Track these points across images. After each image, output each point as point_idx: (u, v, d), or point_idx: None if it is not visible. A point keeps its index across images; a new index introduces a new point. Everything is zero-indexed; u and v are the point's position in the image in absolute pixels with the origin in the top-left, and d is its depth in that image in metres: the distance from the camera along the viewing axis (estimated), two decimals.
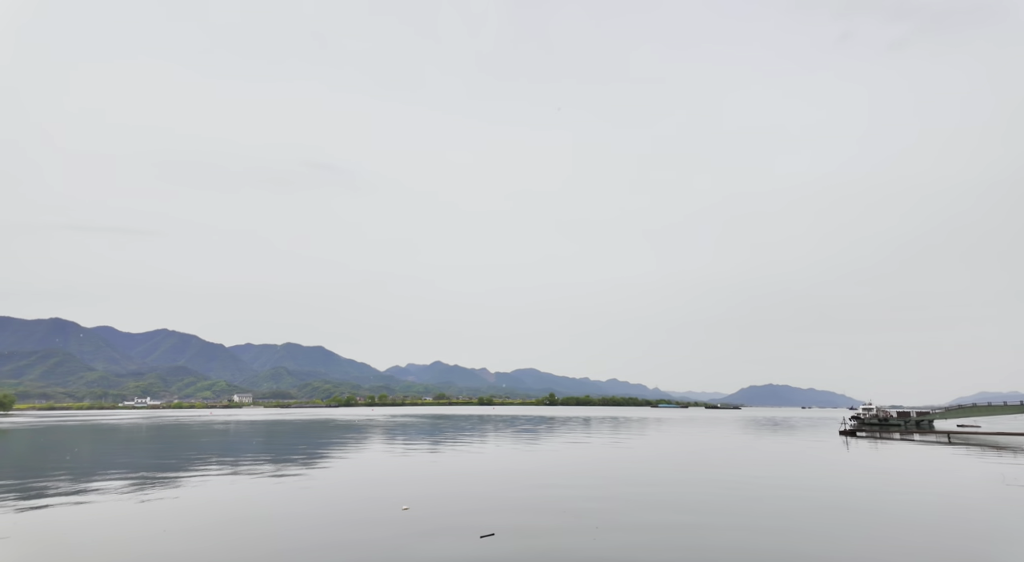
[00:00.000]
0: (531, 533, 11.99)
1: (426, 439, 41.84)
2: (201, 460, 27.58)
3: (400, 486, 18.61)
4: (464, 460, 26.94)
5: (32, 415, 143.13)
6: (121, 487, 18.64)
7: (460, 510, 14.45)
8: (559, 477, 20.72)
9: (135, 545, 10.95)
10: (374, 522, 13.05)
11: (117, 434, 53.56)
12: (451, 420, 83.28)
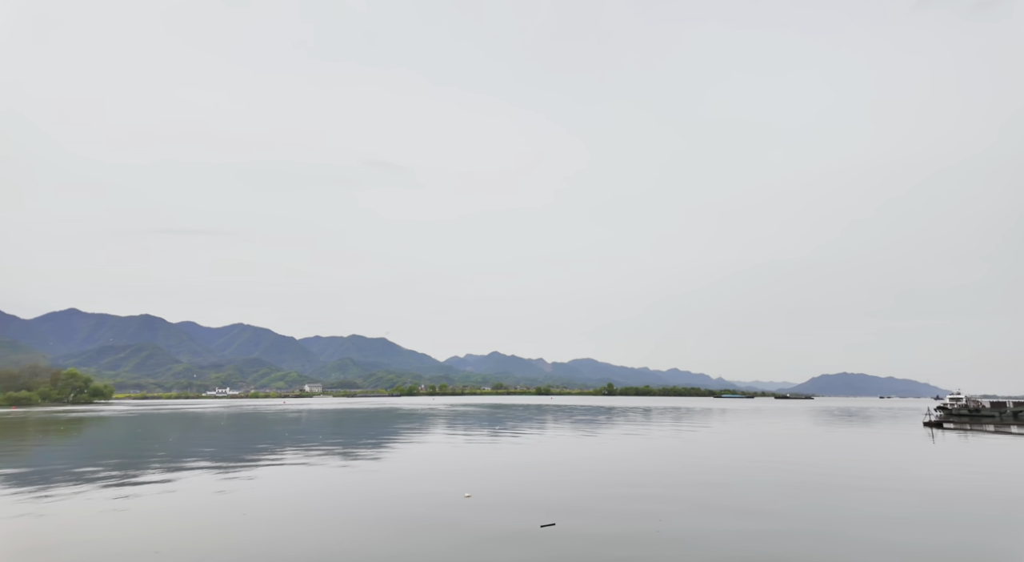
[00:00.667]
0: (591, 524, 11.90)
1: (486, 428, 42.49)
2: (277, 447, 29.25)
3: (462, 474, 18.98)
4: (523, 449, 27.13)
5: (128, 404, 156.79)
6: (206, 472, 20.05)
7: (520, 499, 14.56)
8: (619, 468, 20.48)
9: (216, 529, 11.68)
10: (438, 509, 13.36)
11: (202, 422, 57.66)
12: (509, 409, 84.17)
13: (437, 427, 44.42)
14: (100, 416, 73.23)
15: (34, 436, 39.33)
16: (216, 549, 10.02)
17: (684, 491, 15.72)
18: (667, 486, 16.47)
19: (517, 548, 10.12)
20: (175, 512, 13.16)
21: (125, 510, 13.42)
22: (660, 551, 9.93)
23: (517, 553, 9.82)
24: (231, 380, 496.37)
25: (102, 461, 23.63)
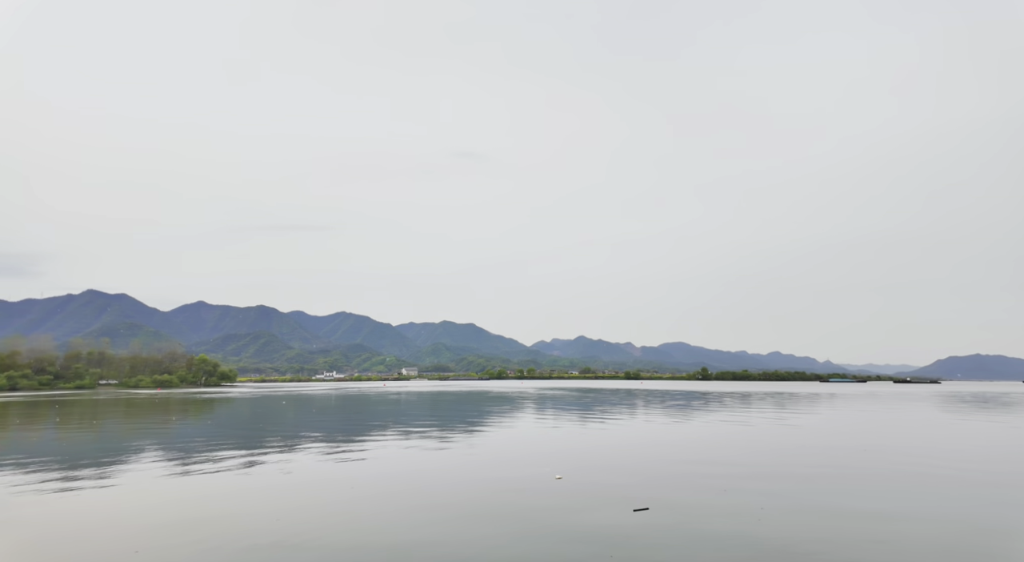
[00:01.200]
0: (687, 510, 11.55)
1: (575, 411, 42.57)
2: (381, 426, 31.22)
3: (553, 455, 19.18)
4: (613, 433, 26.87)
5: (250, 386, 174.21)
6: (319, 449, 21.83)
7: (612, 482, 14.45)
8: (716, 454, 19.69)
9: (328, 502, 12.64)
10: (532, 489, 13.60)
11: (313, 402, 62.78)
12: (598, 393, 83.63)
13: (526, 410, 45.16)
14: (228, 397, 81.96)
15: (177, 414, 44.87)
16: (328, 520, 10.87)
17: (787, 479, 14.81)
18: (769, 474, 15.61)
19: (612, 529, 10.07)
20: (293, 485, 14.46)
21: (251, 482, 14.95)
22: (761, 541, 9.44)
23: (613, 534, 9.77)
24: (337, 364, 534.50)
25: (231, 437, 26.49)
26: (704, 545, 9.24)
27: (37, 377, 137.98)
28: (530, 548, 9.05)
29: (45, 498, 12.89)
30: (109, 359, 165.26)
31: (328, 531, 9.96)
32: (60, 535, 9.86)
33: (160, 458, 19.34)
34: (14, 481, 15.07)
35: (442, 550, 8.93)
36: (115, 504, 12.34)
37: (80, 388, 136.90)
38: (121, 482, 14.89)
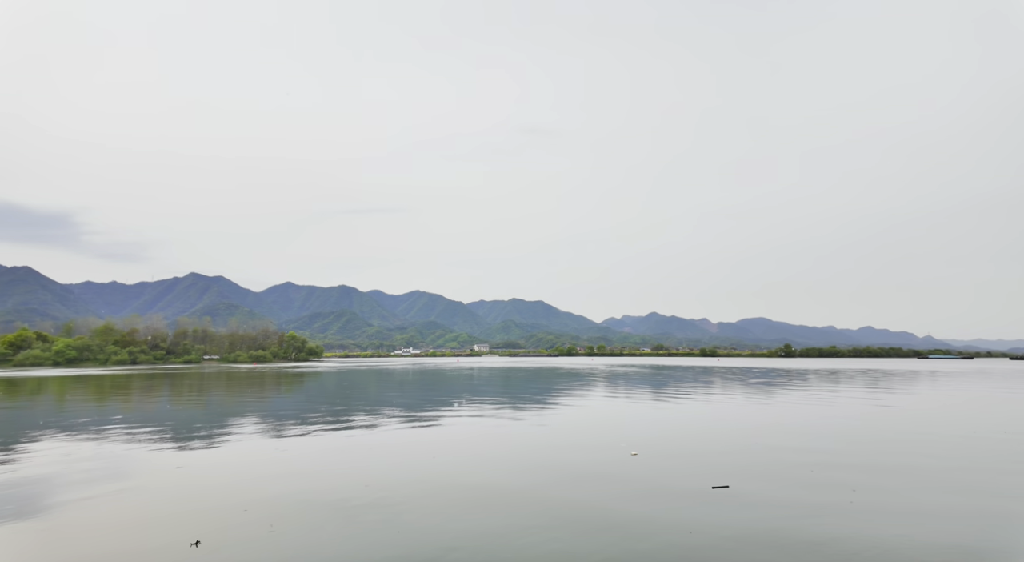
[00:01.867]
0: (770, 489, 11.15)
1: (648, 388, 41.97)
2: (456, 398, 32.36)
3: (626, 431, 19.08)
4: (689, 411, 26.27)
5: (335, 361, 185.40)
6: (400, 418, 22.99)
7: (689, 459, 14.21)
8: (801, 434, 18.79)
9: (411, 468, 13.29)
10: (607, 463, 13.64)
11: (393, 376, 65.96)
12: (672, 370, 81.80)
13: (598, 386, 45.05)
14: (316, 371, 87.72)
15: (272, 386, 48.68)
16: (412, 485, 11.47)
17: (886, 461, 13.89)
18: (863, 455, 14.70)
19: (691, 506, 9.94)
20: (378, 451, 15.36)
21: (341, 448, 16.03)
22: (852, 524, 8.97)
23: (692, 510, 9.65)
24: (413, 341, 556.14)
25: (322, 407, 28.44)
26: (786, 526, 8.92)
27: (152, 352, 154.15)
28: (605, 519, 9.12)
29: (169, 457, 14.52)
30: (211, 336, 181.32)
31: (411, 493, 10.53)
32: (183, 492, 11.09)
33: (260, 425, 21.15)
34: (142, 444, 17.05)
35: (521, 519, 9.19)
36: (226, 465, 13.67)
37: (188, 363, 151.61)
38: (229, 445, 16.47)
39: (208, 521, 8.99)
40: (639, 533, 8.46)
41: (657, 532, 8.51)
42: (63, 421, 23.12)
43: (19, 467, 13.44)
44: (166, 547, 7.76)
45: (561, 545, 7.93)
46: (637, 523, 8.94)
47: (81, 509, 9.78)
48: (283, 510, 9.57)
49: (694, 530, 8.62)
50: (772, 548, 7.89)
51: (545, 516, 9.24)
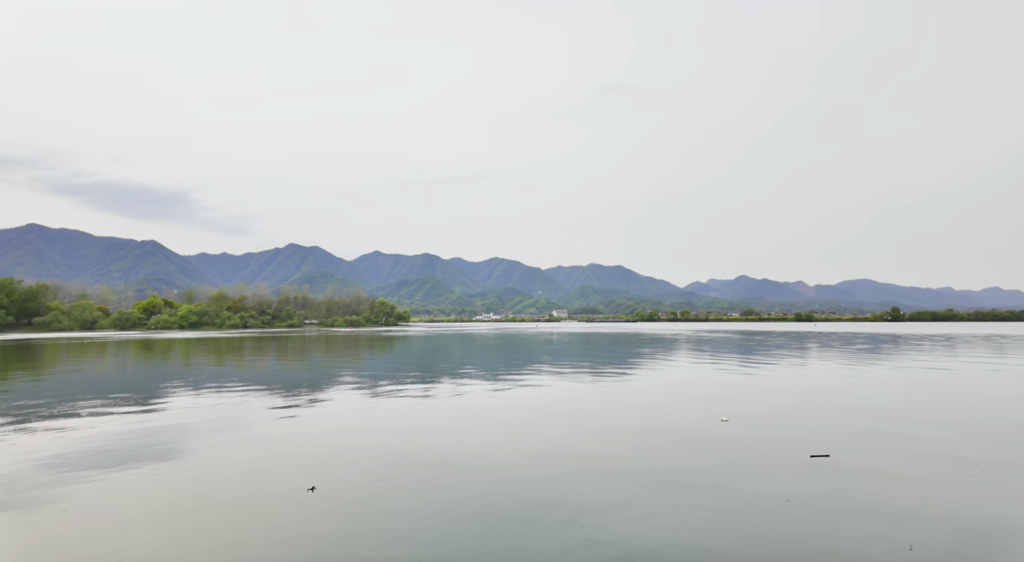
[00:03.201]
0: (877, 461, 10.44)
1: (736, 354, 40.36)
2: (536, 362, 32.95)
3: (714, 397, 18.56)
4: (782, 377, 24.99)
5: (421, 326, 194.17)
6: (483, 380, 23.80)
7: (784, 427, 13.60)
8: (912, 404, 17.32)
9: (501, 431, 13.79)
10: (697, 427, 13.40)
11: (475, 340, 68.13)
12: (762, 336, 77.87)
13: (682, 352, 43.93)
14: (406, 335, 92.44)
15: (367, 348, 51.99)
16: (503, 444, 11.91)
17: (1016, 437, 12.54)
18: (987, 429, 13.35)
19: (787, 474, 9.57)
20: (469, 411, 16.07)
21: (434, 407, 16.92)
22: (973, 502, 8.23)
23: (788, 479, 9.29)
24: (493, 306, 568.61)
25: (413, 368, 30.06)
26: (894, 500, 8.35)
27: (260, 317, 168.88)
28: (697, 485, 9.01)
29: (280, 411, 16.07)
30: (310, 302, 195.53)
31: (503, 452, 10.96)
32: (295, 442, 12.26)
33: (360, 384, 22.75)
34: (256, 399, 18.95)
35: (610, 482, 9.30)
36: (332, 419, 14.91)
37: (291, 327, 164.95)
38: (333, 401, 17.92)
39: (320, 469, 9.89)
40: (732, 500, 8.29)
41: (751, 500, 8.29)
42: (191, 378, 26.16)
43: (158, 417, 15.44)
44: (287, 491, 8.65)
45: (652, 510, 7.95)
46: (730, 490, 8.76)
47: (210, 454, 11.10)
48: (386, 462, 10.32)
49: (791, 498, 8.31)
50: (877, 521, 7.45)
51: (634, 480, 9.28)
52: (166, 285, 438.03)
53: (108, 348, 55.23)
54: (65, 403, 18.01)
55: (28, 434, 13.05)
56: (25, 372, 30.21)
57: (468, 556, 6.36)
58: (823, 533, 7.08)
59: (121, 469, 9.95)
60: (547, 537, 6.88)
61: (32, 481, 9.22)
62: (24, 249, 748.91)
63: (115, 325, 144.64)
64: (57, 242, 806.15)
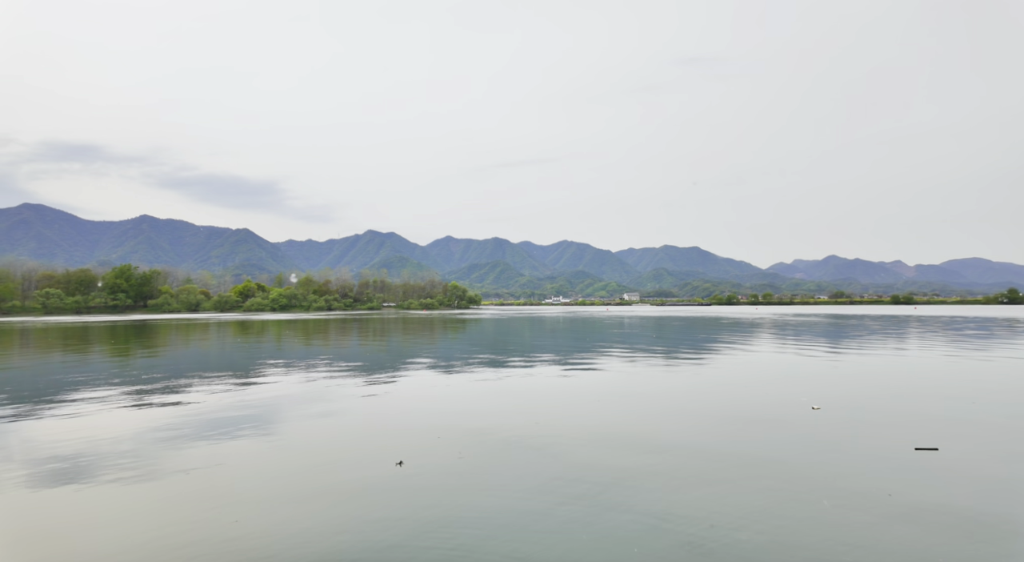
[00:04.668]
0: (994, 459, 9.48)
1: (825, 339, 37.85)
2: (607, 345, 32.60)
3: (803, 385, 17.55)
4: (879, 364, 23.16)
5: (492, 309, 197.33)
6: (553, 363, 23.87)
7: (884, 417, 12.64)
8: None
9: (578, 414, 13.81)
10: (784, 418, 12.77)
11: (545, 323, 68.35)
12: (856, 320, 72.45)
13: (764, 336, 41.81)
14: (477, 317, 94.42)
15: (442, 330, 53.62)
16: (580, 428, 11.95)
17: None
18: None
19: (889, 467, 8.90)
20: (544, 393, 16.21)
21: (510, 389, 17.23)
22: None
23: (890, 472, 8.64)
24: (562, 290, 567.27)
25: (488, 349, 30.70)
26: (1012, 503, 7.57)
27: (343, 300, 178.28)
28: (787, 476, 8.61)
29: (365, 388, 16.97)
30: (388, 286, 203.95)
31: (579, 435, 10.99)
32: (381, 418, 12.93)
33: (439, 363, 23.55)
34: (342, 376, 20.10)
35: (692, 471, 9.09)
36: (414, 398, 15.58)
37: (371, 309, 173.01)
38: (414, 380, 18.69)
39: (407, 445, 10.38)
40: (827, 493, 7.85)
41: (849, 494, 7.80)
42: (282, 357, 28.17)
43: (253, 392, 16.77)
44: (376, 464, 9.16)
45: (733, 498, 7.69)
46: (825, 482, 8.28)
47: (304, 427, 11.93)
48: (468, 440, 10.65)
49: (894, 493, 7.75)
50: (991, 526, 6.79)
51: (714, 467, 9.00)
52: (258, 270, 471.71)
53: (210, 328, 60.54)
54: (177, 378, 19.98)
55: (148, 406, 14.62)
56: (144, 350, 33.78)
57: (549, 532, 6.46)
58: (931, 533, 6.56)
59: (228, 440, 10.92)
60: (624, 520, 6.85)
61: (155, 449, 10.33)
62: (138, 238, 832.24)
63: (216, 307, 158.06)
64: (165, 231, 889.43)
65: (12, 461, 9.40)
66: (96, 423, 12.37)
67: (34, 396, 16.01)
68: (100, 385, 18.23)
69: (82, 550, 6.05)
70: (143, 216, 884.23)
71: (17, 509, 7.26)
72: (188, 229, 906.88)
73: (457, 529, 6.59)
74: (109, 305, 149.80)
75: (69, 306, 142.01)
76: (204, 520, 6.87)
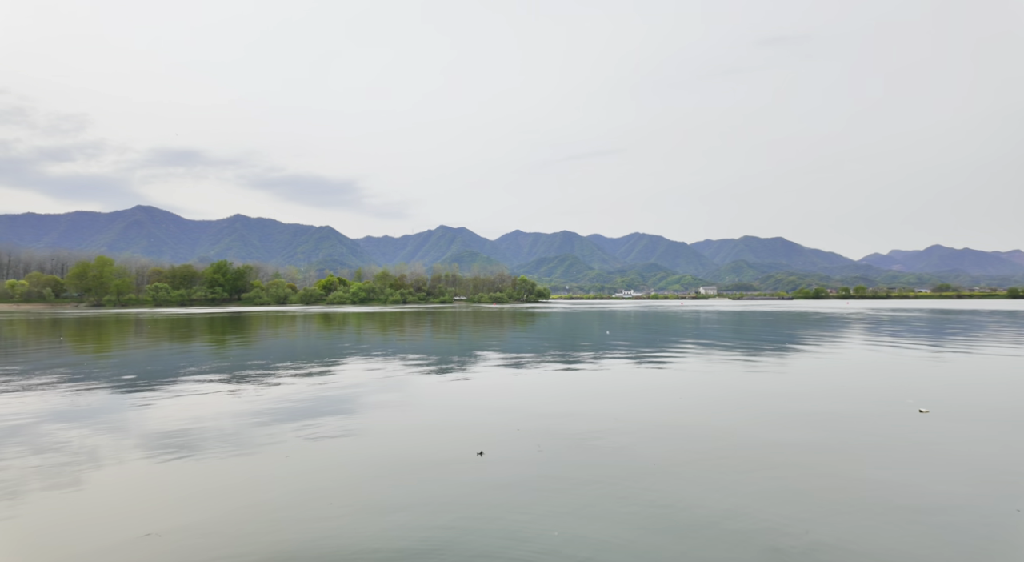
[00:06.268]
0: None
1: (929, 336, 34.47)
2: (681, 341, 31.45)
3: (905, 385, 16.03)
4: (996, 365, 20.76)
5: (561, 303, 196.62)
6: (625, 358, 23.33)
7: (1007, 425, 11.30)
8: None
9: (657, 412, 13.40)
10: (885, 423, 11.73)
11: (616, 317, 67.13)
12: (965, 315, 65.46)
13: (859, 332, 38.72)
14: (547, 311, 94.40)
15: (513, 324, 54.04)
16: (660, 427, 11.58)
17: None
18: None
19: (1016, 481, 7.94)
20: (619, 388, 15.89)
21: (585, 382, 17.03)
22: None
23: (1018, 487, 7.71)
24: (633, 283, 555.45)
25: (554, 346, 30.55)
26: None
27: (416, 294, 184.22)
28: (897, 490, 7.87)
29: (439, 378, 17.39)
30: (459, 280, 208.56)
31: (658, 434, 10.64)
32: (458, 409, 13.16)
33: (506, 357, 23.72)
34: (417, 367, 20.70)
35: (784, 483, 8.55)
36: (490, 390, 15.76)
37: (443, 302, 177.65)
38: (489, 373, 18.92)
39: (486, 435, 10.50)
40: (944, 510, 7.09)
41: (970, 512, 7.01)
42: (362, 347, 29.45)
43: (337, 379, 17.66)
44: (459, 453, 9.32)
45: (832, 509, 7.12)
46: (940, 498, 7.49)
47: (385, 415, 12.37)
48: (547, 434, 10.61)
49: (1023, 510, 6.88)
50: None
51: (806, 475, 8.39)
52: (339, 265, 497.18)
53: (297, 320, 64.53)
54: (269, 365, 21.39)
55: (243, 390, 15.74)
56: (239, 339, 36.51)
57: (632, 536, 6.28)
58: None
59: (315, 423, 11.52)
60: (708, 525, 6.53)
61: (251, 428, 11.07)
62: (232, 236, 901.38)
63: (302, 300, 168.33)
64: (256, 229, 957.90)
65: (130, 436, 10.43)
66: (199, 403, 13.54)
67: (148, 378, 17.72)
68: (203, 370, 19.90)
69: (197, 514, 6.59)
70: (236, 215, 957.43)
71: (140, 477, 8.03)
72: (276, 227, 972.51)
73: (541, 525, 6.54)
74: (208, 298, 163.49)
75: (175, 299, 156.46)
76: (298, 502, 7.27)
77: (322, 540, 6.11)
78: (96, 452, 9.43)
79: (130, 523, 6.60)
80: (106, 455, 9.25)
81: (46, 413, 12.55)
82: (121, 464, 8.77)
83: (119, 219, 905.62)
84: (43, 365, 21.64)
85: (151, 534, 6.28)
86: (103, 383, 16.95)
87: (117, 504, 7.20)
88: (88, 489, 7.70)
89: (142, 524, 6.55)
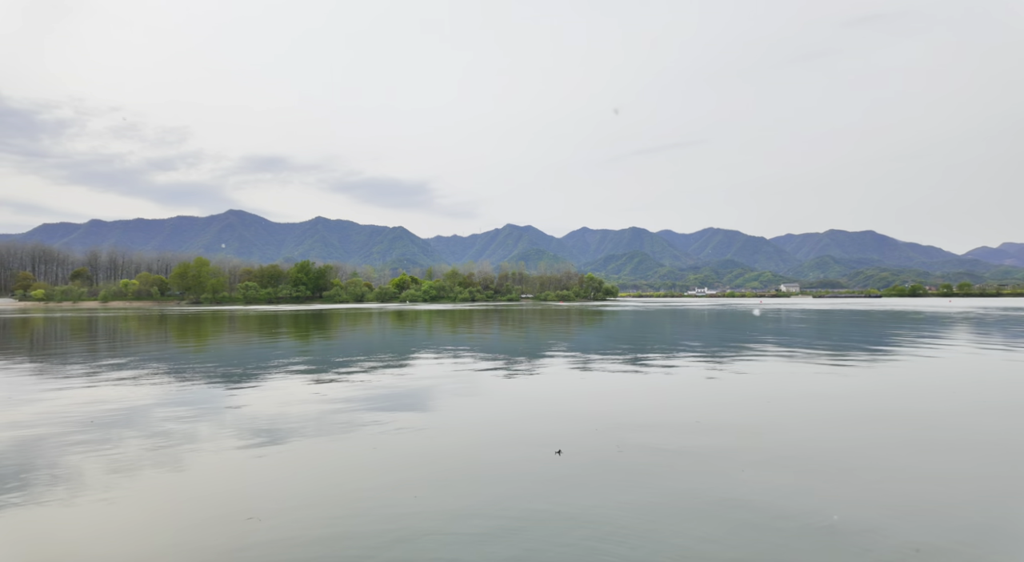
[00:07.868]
0: None
1: None
2: (758, 342, 29.70)
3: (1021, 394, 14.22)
4: None
5: (630, 301, 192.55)
6: (697, 359, 22.30)
7: None
8: None
9: (744, 416, 12.67)
10: (999, 434, 10.44)
11: (688, 316, 64.75)
12: None
13: (967, 333, 34.98)
14: (616, 309, 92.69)
15: (581, 322, 53.46)
16: (746, 432, 10.92)
17: None
18: None
19: None
20: (693, 389, 15.19)
21: (656, 382, 16.45)
22: None
23: None
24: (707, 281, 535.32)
25: (620, 344, 29.82)
26: None
27: (484, 292, 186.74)
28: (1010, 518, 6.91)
29: (509, 377, 17.38)
30: (526, 278, 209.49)
31: (746, 445, 10.01)
32: (532, 409, 13.05)
33: (577, 356, 23.37)
34: (486, 364, 20.82)
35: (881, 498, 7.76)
36: (563, 388, 15.56)
37: (510, 300, 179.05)
38: (561, 371, 18.71)
39: (564, 433, 10.30)
40: None
41: None
42: (434, 343, 30.08)
43: (412, 372, 18.13)
44: (536, 452, 9.18)
45: (941, 528, 6.34)
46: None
47: (460, 411, 12.46)
48: (626, 434, 10.25)
49: None
50: None
51: (915, 490, 7.56)
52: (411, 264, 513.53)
53: (374, 316, 67.21)
54: (349, 359, 22.29)
55: (325, 381, 16.44)
56: (321, 334, 38.44)
57: (718, 541, 5.87)
58: None
59: (393, 416, 11.78)
60: (795, 533, 5.98)
61: (339, 422, 11.48)
62: (314, 237, 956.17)
63: (378, 298, 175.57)
64: (335, 230, 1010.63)
65: (225, 424, 11.12)
66: (286, 393, 14.32)
67: (241, 370, 18.97)
68: (290, 362, 21.07)
69: (293, 500, 6.87)
70: (318, 218, 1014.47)
71: (237, 462, 8.51)
72: (353, 228, 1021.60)
73: (626, 530, 6.27)
74: (293, 296, 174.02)
75: (263, 296, 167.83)
76: (386, 495, 7.40)
77: (410, 540, 6.14)
78: (196, 437, 10.13)
79: (232, 506, 6.97)
80: (206, 441, 9.90)
81: (154, 400, 13.69)
82: (219, 450, 9.35)
83: (214, 223, 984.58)
84: (151, 357, 23.75)
85: (252, 518, 6.59)
86: (201, 374, 18.34)
87: (219, 488, 7.65)
88: (192, 472, 8.25)
89: (243, 508, 6.90)
